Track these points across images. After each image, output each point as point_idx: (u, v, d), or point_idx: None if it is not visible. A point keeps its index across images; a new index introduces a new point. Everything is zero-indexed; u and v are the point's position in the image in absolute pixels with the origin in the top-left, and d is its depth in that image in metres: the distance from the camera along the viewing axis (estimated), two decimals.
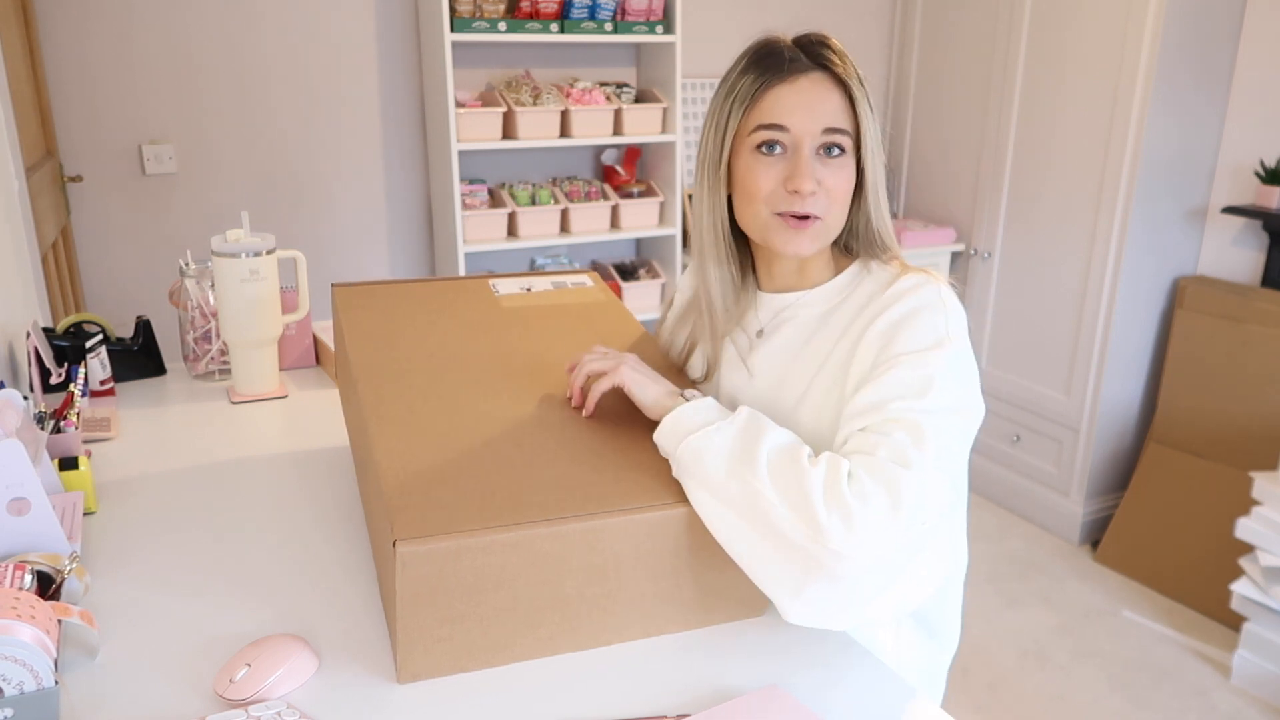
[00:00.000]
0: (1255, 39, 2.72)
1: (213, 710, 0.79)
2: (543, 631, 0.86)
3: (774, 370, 1.05)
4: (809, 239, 0.99)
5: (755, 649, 0.90)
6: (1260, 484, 2.29)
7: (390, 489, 0.84)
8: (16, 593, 0.80)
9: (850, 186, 0.99)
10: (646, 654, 0.89)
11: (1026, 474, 3.19)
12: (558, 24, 2.87)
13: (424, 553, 0.78)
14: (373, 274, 3.11)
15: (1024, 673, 2.42)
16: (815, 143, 0.97)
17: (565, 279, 1.34)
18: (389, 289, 1.26)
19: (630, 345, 1.16)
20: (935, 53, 3.37)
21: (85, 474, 1.13)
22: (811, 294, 1.06)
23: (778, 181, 0.98)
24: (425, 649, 0.83)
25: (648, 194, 3.16)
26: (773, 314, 1.08)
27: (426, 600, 0.80)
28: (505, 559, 0.81)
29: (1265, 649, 2.31)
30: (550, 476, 0.88)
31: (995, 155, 3.14)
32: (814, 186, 0.96)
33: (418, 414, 0.96)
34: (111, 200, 2.72)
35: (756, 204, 1.00)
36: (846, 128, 0.98)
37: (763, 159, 0.99)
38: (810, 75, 0.98)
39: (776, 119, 0.97)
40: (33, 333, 1.41)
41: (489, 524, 0.80)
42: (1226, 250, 2.87)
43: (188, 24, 2.68)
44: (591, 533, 0.83)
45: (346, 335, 1.13)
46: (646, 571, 0.87)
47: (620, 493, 0.87)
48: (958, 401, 0.92)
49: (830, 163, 0.98)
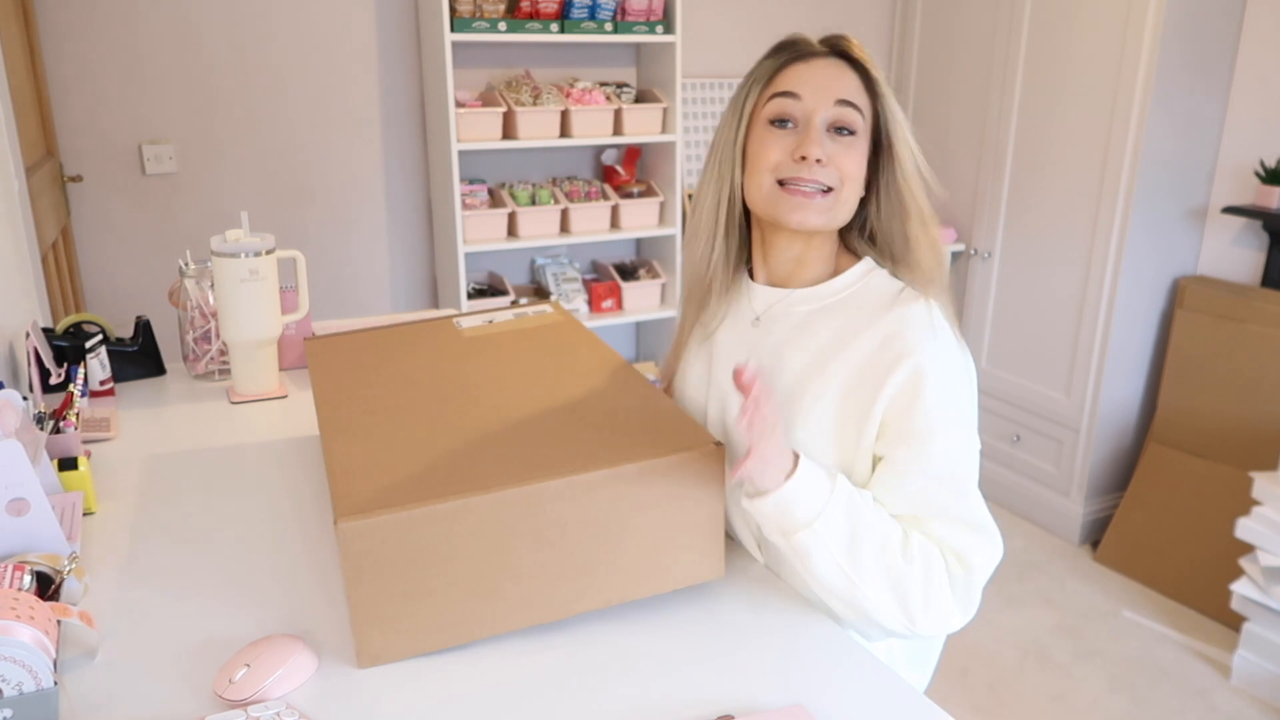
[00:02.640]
0: (1255, 39, 2.72)
1: (212, 710, 0.79)
2: (500, 605, 0.87)
3: (762, 360, 1.05)
4: (815, 210, 0.99)
5: (781, 666, 0.89)
6: (1260, 484, 2.29)
7: (336, 479, 0.87)
8: (16, 593, 0.80)
9: (861, 170, 1.00)
10: (668, 668, 0.88)
11: (1026, 474, 3.19)
12: (558, 24, 2.87)
13: (365, 527, 0.80)
14: (373, 274, 3.11)
15: (1024, 673, 2.42)
16: (828, 115, 0.98)
17: (527, 309, 1.37)
18: (358, 337, 1.30)
19: (598, 358, 1.16)
20: (935, 53, 3.37)
21: (85, 474, 1.13)
22: (805, 293, 1.05)
23: (786, 152, 0.99)
24: (381, 629, 0.84)
25: (648, 194, 3.16)
26: (766, 306, 1.08)
27: (373, 576, 0.82)
28: (449, 530, 0.83)
29: (1265, 649, 2.31)
30: (491, 454, 0.91)
31: (995, 155, 3.14)
32: (822, 154, 0.97)
33: (369, 425, 1.00)
34: (111, 200, 2.72)
35: (762, 174, 1.00)
36: (860, 105, 0.99)
37: (774, 131, 1.00)
38: (829, 59, 1.01)
39: (790, 87, 0.99)
40: (32, 333, 1.41)
41: (428, 497, 0.83)
42: (1226, 250, 2.87)
43: (188, 24, 2.68)
44: (530, 497, 0.85)
45: (316, 382, 1.15)
46: (592, 533, 0.88)
47: (558, 458, 0.89)
48: (974, 457, 0.99)
49: (841, 140, 0.99)
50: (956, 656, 2.47)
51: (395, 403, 1.04)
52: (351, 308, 3.07)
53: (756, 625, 0.94)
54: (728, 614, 0.96)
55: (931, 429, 0.95)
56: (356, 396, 1.08)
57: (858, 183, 1.00)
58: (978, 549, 0.96)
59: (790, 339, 1.04)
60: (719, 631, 0.93)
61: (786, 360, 1.03)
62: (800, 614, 0.97)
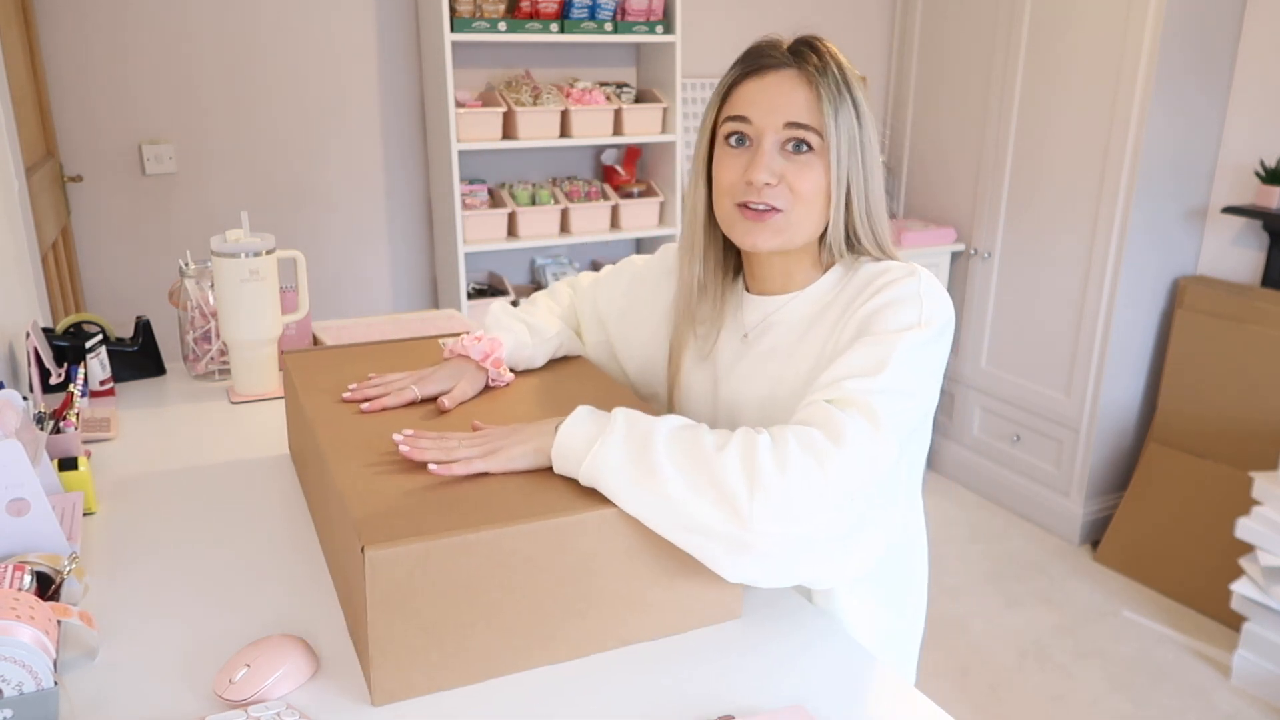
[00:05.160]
0: (1255, 39, 2.72)
1: (212, 711, 0.79)
2: (518, 642, 0.84)
3: (765, 375, 1.04)
4: (767, 232, 0.99)
5: (781, 666, 0.89)
6: (1260, 484, 2.29)
7: (353, 505, 0.83)
8: (16, 593, 0.80)
9: (819, 185, 0.98)
10: (668, 668, 0.88)
11: (1026, 474, 3.19)
12: (558, 24, 2.87)
13: (393, 556, 0.76)
14: (373, 274, 3.11)
15: (1024, 673, 2.42)
16: (778, 137, 0.97)
17: None
18: (338, 353, 1.26)
19: (595, 386, 1.15)
20: (935, 53, 3.37)
21: (85, 474, 1.13)
22: (799, 296, 1.05)
23: (739, 173, 0.98)
24: (399, 663, 0.80)
25: (648, 194, 3.16)
26: (761, 317, 1.07)
27: (398, 608, 0.78)
28: (476, 562, 0.79)
29: (1265, 649, 2.31)
30: (516, 486, 0.88)
31: (995, 155, 3.14)
32: (769, 178, 0.96)
33: (374, 447, 0.96)
34: (111, 200, 2.72)
35: (721, 196, 1.01)
36: (814, 125, 0.96)
37: (730, 151, 1.00)
38: (781, 71, 0.98)
39: (739, 110, 0.99)
40: (32, 333, 1.41)
41: (457, 526, 0.79)
42: (1226, 250, 2.87)
43: (188, 24, 2.68)
44: (561, 530, 0.82)
45: (301, 394, 1.11)
46: (618, 571, 0.86)
47: (588, 494, 0.87)
48: (908, 385, 0.91)
49: (796, 159, 0.97)
50: (956, 656, 2.47)
51: (396, 426, 1.00)
52: (351, 308, 3.07)
53: (756, 625, 0.94)
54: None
55: (878, 337, 0.92)
56: (352, 418, 1.04)
57: (812, 200, 0.98)
58: (859, 429, 0.86)
59: (780, 350, 1.04)
60: (719, 631, 0.93)
61: (791, 363, 1.02)
62: (800, 614, 0.96)
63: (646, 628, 0.90)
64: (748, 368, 1.06)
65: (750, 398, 1.06)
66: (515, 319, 1.20)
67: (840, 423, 0.86)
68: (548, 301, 1.28)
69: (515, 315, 1.21)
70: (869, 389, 0.89)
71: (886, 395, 0.89)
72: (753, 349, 1.06)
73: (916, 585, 1.13)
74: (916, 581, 1.12)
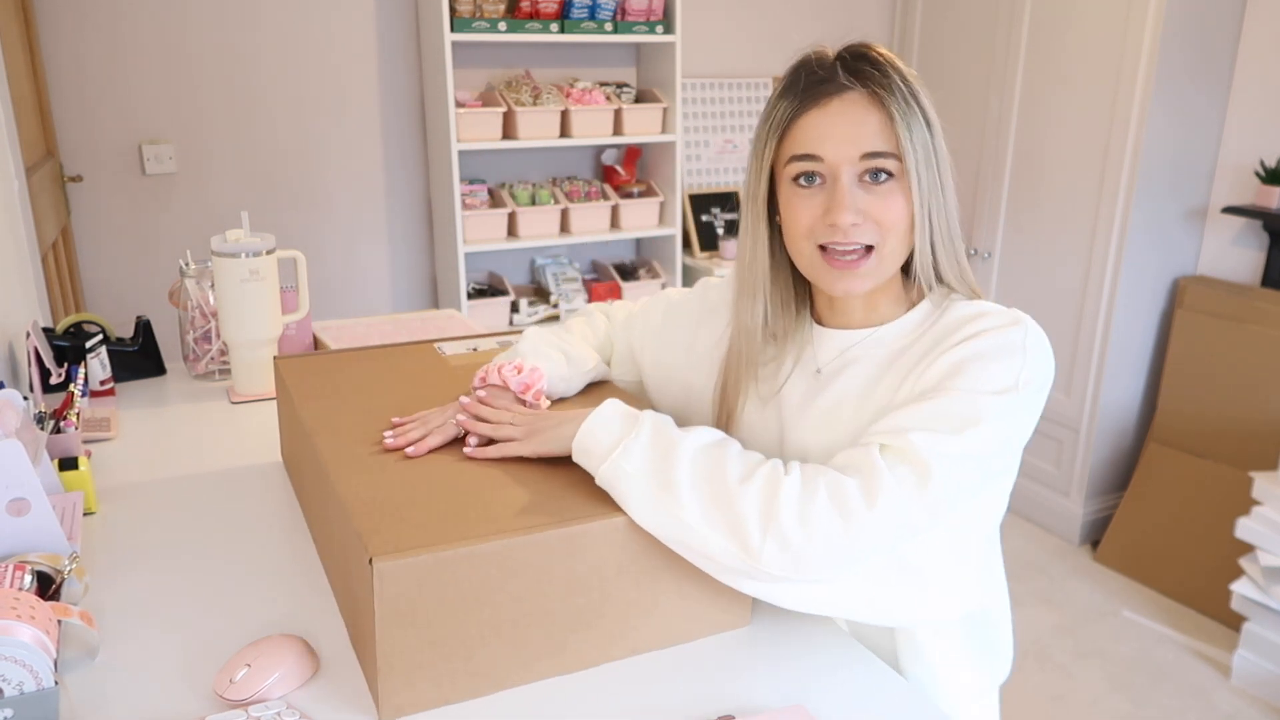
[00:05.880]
0: (1255, 39, 2.72)
1: (212, 711, 0.79)
2: (527, 653, 0.83)
3: (839, 416, 0.95)
4: (861, 277, 0.90)
5: (781, 666, 0.89)
6: (1260, 484, 2.29)
7: (358, 515, 0.82)
8: (16, 593, 0.80)
9: (904, 212, 0.90)
10: (668, 669, 0.88)
11: (1026, 474, 3.19)
12: (558, 24, 2.87)
13: (402, 567, 0.75)
14: (373, 274, 3.11)
15: (1024, 673, 2.42)
16: (855, 170, 0.89)
17: (511, 338, 1.32)
18: (330, 358, 1.25)
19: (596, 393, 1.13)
20: (935, 53, 3.36)
21: (85, 474, 1.13)
22: (881, 331, 0.96)
23: (818, 214, 0.90)
24: (407, 677, 0.78)
25: (648, 194, 3.16)
26: (837, 353, 0.98)
27: (406, 621, 0.77)
28: (485, 572, 0.79)
29: (1265, 649, 2.31)
30: (522, 495, 0.87)
31: (995, 155, 3.14)
32: (855, 218, 0.88)
33: (373, 455, 0.95)
34: (111, 200, 2.72)
35: (799, 240, 0.92)
36: (892, 150, 0.88)
37: (801, 191, 0.91)
38: (845, 96, 0.89)
39: (809, 148, 0.89)
40: (33, 333, 1.41)
41: (466, 536, 0.78)
42: (1226, 250, 2.87)
43: (188, 24, 2.68)
44: (571, 539, 0.82)
45: (295, 399, 1.10)
46: (629, 579, 0.86)
47: (596, 502, 0.86)
48: (982, 453, 0.84)
49: (876, 189, 0.89)
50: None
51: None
52: (351, 308, 3.07)
53: (756, 625, 0.94)
54: None
55: (964, 395, 0.83)
56: (350, 425, 1.03)
57: (900, 229, 0.90)
58: (901, 492, 0.80)
59: (853, 390, 0.95)
60: (719, 632, 0.93)
61: (868, 405, 0.93)
62: (800, 614, 0.96)
63: (655, 636, 0.89)
64: (819, 412, 0.97)
65: (818, 444, 0.97)
66: (553, 347, 1.13)
67: (881, 479, 0.81)
68: (584, 329, 1.21)
69: (552, 344, 1.14)
70: (935, 450, 0.82)
71: (953, 461, 0.82)
72: (827, 387, 0.97)
73: (1000, 634, 1.10)
74: (1000, 631, 1.10)
